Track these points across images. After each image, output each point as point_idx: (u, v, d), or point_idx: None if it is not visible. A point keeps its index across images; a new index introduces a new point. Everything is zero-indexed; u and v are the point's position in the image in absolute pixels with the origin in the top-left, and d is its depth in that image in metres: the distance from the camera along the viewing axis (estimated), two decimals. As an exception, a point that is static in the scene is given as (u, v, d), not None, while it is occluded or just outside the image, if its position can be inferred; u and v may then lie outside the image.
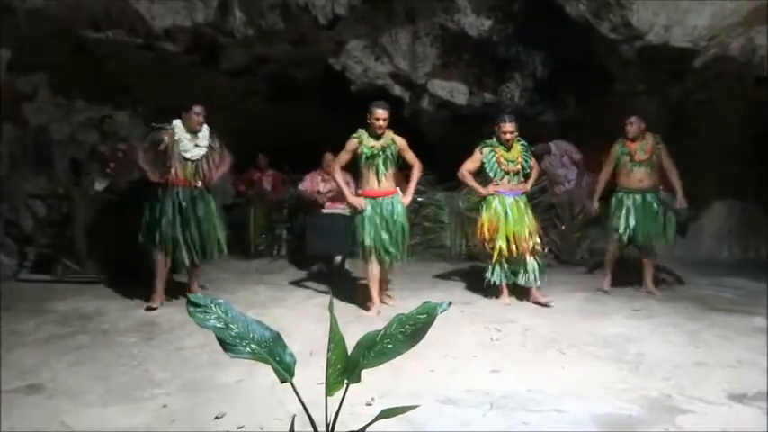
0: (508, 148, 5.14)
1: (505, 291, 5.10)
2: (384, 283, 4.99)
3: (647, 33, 6.22)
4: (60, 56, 6.31)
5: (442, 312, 1.74)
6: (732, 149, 6.75)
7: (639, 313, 4.75)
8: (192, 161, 4.89)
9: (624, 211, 5.42)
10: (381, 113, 4.72)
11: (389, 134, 4.81)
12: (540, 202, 7.11)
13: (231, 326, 1.71)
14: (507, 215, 5.01)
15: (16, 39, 5.89)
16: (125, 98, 6.96)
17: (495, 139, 5.19)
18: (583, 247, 7.45)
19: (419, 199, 7.58)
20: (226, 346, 1.69)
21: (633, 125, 5.46)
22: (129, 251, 5.24)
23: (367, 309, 4.78)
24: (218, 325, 1.70)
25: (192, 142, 4.89)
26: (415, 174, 4.94)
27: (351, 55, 7.22)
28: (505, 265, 5.03)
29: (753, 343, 3.90)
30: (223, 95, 7.49)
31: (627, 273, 5.68)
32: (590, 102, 7.28)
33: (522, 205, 5.11)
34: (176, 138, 4.86)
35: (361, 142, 4.73)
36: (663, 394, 3.03)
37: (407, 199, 4.88)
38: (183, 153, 4.85)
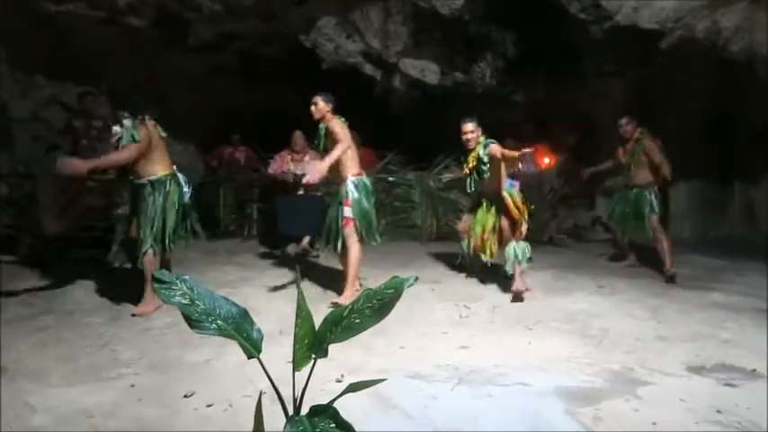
0: (468, 151, 4.85)
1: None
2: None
3: (615, 14, 6.29)
4: (19, 29, 6.07)
5: (408, 287, 1.74)
6: (694, 130, 6.92)
7: (603, 290, 4.87)
8: None
9: (614, 203, 5.92)
10: (315, 98, 4.49)
11: (327, 119, 4.49)
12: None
13: (197, 302, 1.68)
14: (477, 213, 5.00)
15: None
16: (88, 74, 6.74)
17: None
18: (552, 226, 7.57)
19: (390, 179, 7.58)
20: (191, 322, 1.66)
21: (628, 125, 5.58)
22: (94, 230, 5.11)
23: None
24: (184, 301, 1.67)
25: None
26: (335, 149, 4.32)
27: (322, 32, 7.13)
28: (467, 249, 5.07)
29: (711, 317, 4.04)
30: (191, 72, 7.32)
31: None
32: (559, 82, 7.34)
33: (484, 204, 4.97)
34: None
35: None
36: (625, 367, 3.12)
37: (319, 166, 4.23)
38: None
